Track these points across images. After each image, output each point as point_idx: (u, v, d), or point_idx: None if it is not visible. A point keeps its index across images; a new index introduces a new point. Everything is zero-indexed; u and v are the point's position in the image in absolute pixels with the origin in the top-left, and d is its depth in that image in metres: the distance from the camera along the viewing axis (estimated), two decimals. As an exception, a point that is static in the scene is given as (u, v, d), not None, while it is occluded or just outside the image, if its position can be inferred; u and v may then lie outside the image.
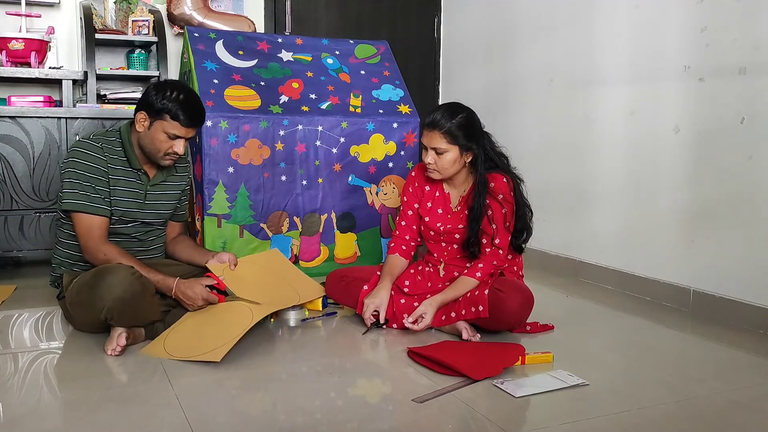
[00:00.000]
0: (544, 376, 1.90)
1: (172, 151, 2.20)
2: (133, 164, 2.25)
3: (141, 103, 2.20)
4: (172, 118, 2.15)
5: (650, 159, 2.88)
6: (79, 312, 2.13)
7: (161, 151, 2.19)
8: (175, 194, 2.40)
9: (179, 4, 3.71)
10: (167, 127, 2.16)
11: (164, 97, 2.15)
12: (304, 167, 3.07)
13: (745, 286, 2.49)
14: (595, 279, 3.16)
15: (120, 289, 1.96)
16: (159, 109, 2.15)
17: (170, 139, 2.18)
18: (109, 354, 2.01)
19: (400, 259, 2.46)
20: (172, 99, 2.15)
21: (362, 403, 1.78)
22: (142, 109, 2.19)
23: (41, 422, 1.60)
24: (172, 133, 2.17)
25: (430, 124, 2.28)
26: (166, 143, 2.18)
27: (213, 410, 1.66)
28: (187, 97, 2.19)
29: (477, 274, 2.29)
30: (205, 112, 2.27)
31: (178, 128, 2.17)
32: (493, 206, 2.30)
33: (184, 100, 2.16)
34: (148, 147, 2.21)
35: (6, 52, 3.19)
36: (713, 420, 1.68)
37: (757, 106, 2.44)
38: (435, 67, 4.52)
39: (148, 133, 2.19)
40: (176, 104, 2.14)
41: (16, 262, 3.34)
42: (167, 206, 2.37)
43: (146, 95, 2.19)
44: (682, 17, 2.72)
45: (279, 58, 3.24)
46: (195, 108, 2.20)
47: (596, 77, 3.18)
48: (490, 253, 2.31)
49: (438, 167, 2.31)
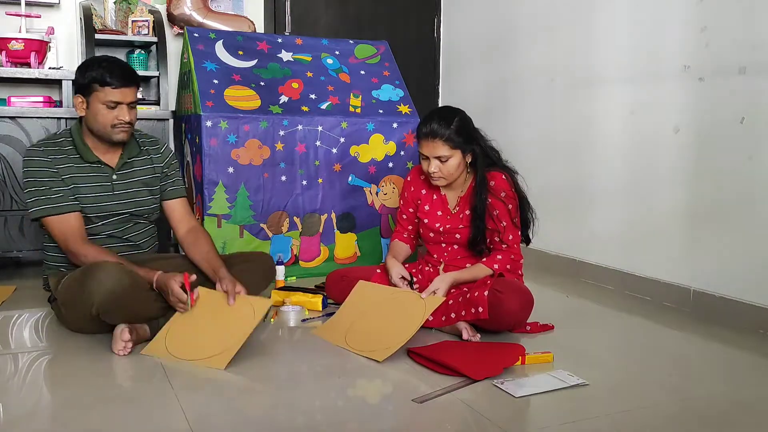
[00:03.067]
0: (544, 376, 1.90)
1: (118, 121, 2.17)
2: (87, 158, 2.21)
3: (73, 87, 2.23)
4: (101, 85, 2.13)
5: (650, 159, 2.88)
6: (71, 312, 2.11)
7: (107, 124, 2.16)
8: (151, 178, 2.33)
9: (179, 5, 3.71)
10: (101, 96, 2.14)
11: (87, 69, 2.16)
12: (304, 167, 3.07)
13: (745, 286, 2.49)
14: (595, 279, 3.16)
15: (109, 284, 1.93)
16: (87, 83, 2.15)
17: (111, 109, 2.15)
18: (118, 353, 1.98)
19: (402, 244, 2.52)
20: (95, 68, 2.15)
21: (362, 403, 1.78)
22: (76, 93, 2.20)
23: (41, 423, 1.60)
24: (109, 100, 2.14)
25: (429, 134, 2.28)
26: (109, 115, 2.16)
27: (213, 410, 1.66)
28: (110, 61, 2.18)
29: (495, 266, 2.31)
30: (134, 71, 2.23)
31: (112, 93, 2.14)
32: (497, 205, 2.31)
33: (106, 65, 2.16)
34: (95, 126, 2.18)
35: (6, 52, 3.19)
36: (713, 420, 1.68)
37: (757, 106, 2.44)
38: (435, 67, 4.52)
39: (90, 114, 2.18)
40: (100, 71, 2.14)
41: (16, 262, 3.34)
42: (144, 194, 2.31)
43: (75, 79, 2.21)
44: (682, 17, 2.72)
45: (279, 58, 3.24)
46: (121, 68, 2.18)
47: (596, 77, 3.18)
48: (507, 248, 2.34)
49: (444, 174, 2.32)
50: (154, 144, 2.40)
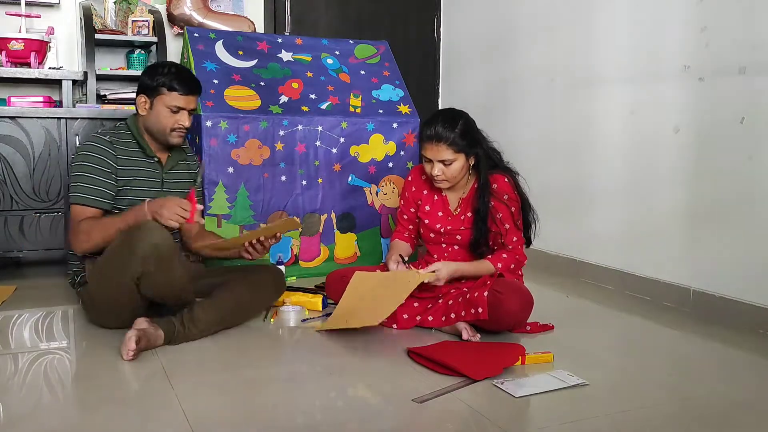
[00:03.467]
0: (544, 376, 1.90)
1: (178, 125, 2.29)
2: (148, 153, 2.33)
3: (139, 88, 2.31)
4: (169, 90, 2.26)
5: (650, 159, 2.88)
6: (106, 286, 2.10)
7: (168, 127, 2.28)
8: (187, 182, 2.47)
9: (179, 5, 3.71)
10: (167, 100, 2.26)
11: (156, 73, 2.27)
12: (304, 167, 3.07)
13: (745, 286, 2.49)
14: (595, 279, 3.16)
15: (157, 236, 2.00)
16: (155, 86, 2.26)
17: (173, 114, 2.27)
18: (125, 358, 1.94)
19: (402, 243, 2.53)
20: (164, 73, 2.26)
21: (362, 403, 1.78)
22: (140, 93, 2.30)
23: (41, 423, 1.60)
24: (174, 105, 2.26)
25: (433, 137, 2.27)
26: (171, 118, 2.28)
27: (213, 410, 1.66)
28: (178, 68, 2.31)
29: (498, 264, 2.32)
30: (199, 81, 2.36)
31: (177, 98, 2.26)
32: (500, 208, 2.32)
33: (176, 71, 2.28)
34: (154, 127, 2.30)
35: (6, 52, 3.19)
36: (713, 420, 1.68)
37: (757, 106, 2.44)
38: (435, 67, 4.52)
39: (151, 114, 2.29)
40: (169, 76, 2.26)
41: (16, 262, 3.34)
42: (181, 194, 2.38)
43: (141, 80, 2.31)
44: (682, 17, 2.72)
45: (279, 58, 3.24)
46: (188, 76, 2.31)
47: (596, 77, 3.18)
48: (512, 249, 2.34)
49: (447, 177, 2.32)
50: (189, 152, 2.55)
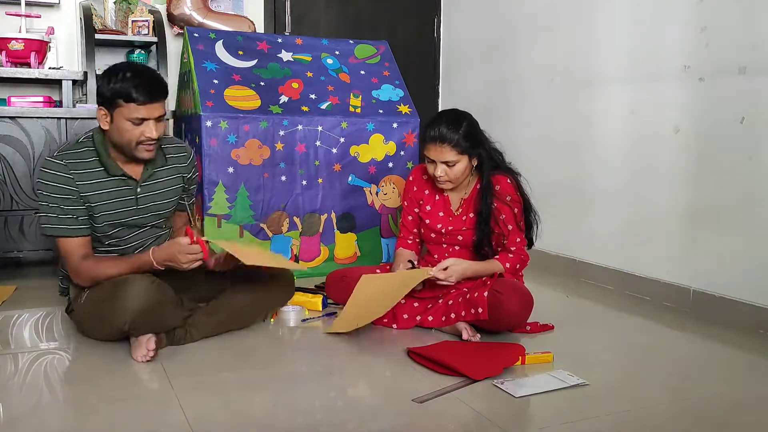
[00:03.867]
0: (544, 376, 1.90)
1: (144, 137, 1.99)
2: (112, 172, 2.07)
3: (96, 98, 2.02)
4: (126, 101, 1.94)
5: (650, 159, 2.88)
6: (96, 325, 2.07)
7: (132, 141, 1.99)
8: (173, 189, 2.23)
9: (179, 5, 3.71)
10: (126, 112, 1.96)
11: (111, 81, 1.96)
12: (304, 167, 3.07)
13: (745, 286, 2.49)
14: (595, 279, 3.16)
15: (143, 300, 1.90)
16: (111, 96, 1.96)
17: (136, 126, 1.98)
18: (140, 360, 1.95)
19: (407, 251, 2.51)
20: (120, 80, 1.94)
21: (362, 403, 1.78)
22: (98, 104, 2.01)
23: (41, 423, 1.60)
24: (134, 117, 1.96)
25: (437, 138, 2.26)
26: (135, 131, 1.98)
27: (213, 410, 1.66)
28: (135, 72, 1.97)
29: (506, 264, 2.33)
30: (162, 81, 2.03)
31: (137, 109, 1.95)
32: (503, 210, 2.32)
33: (132, 76, 1.95)
34: (119, 142, 2.02)
35: (6, 52, 3.18)
36: (713, 420, 1.68)
37: (757, 106, 2.44)
38: (435, 67, 4.52)
39: (113, 128, 2.00)
40: (125, 83, 1.94)
41: (16, 262, 3.34)
42: (166, 204, 2.22)
43: (98, 88, 2.02)
44: (682, 17, 2.72)
45: (279, 58, 3.24)
46: (148, 81, 1.98)
47: (596, 77, 3.18)
48: (516, 250, 2.35)
49: (450, 178, 2.31)
50: (180, 151, 2.26)
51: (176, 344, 2.10)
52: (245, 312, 2.27)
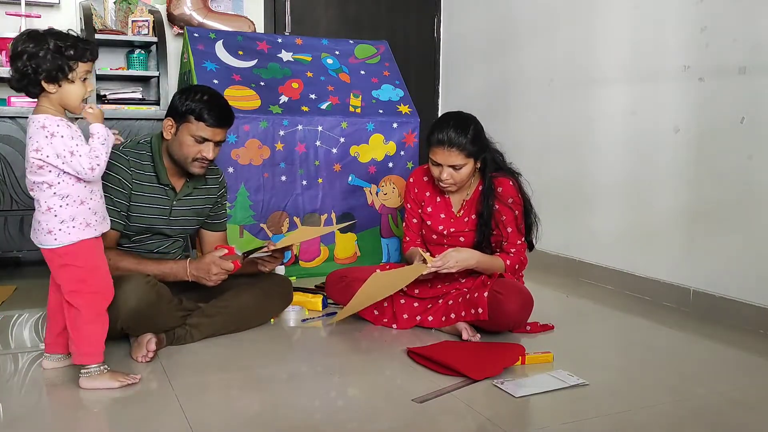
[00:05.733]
0: (544, 376, 1.90)
1: (200, 156, 2.13)
2: (161, 179, 2.18)
3: (168, 109, 2.18)
4: (196, 119, 2.10)
5: (650, 159, 2.88)
6: None
7: (189, 156, 2.13)
8: (203, 208, 2.32)
9: (179, 5, 3.71)
10: (193, 129, 2.10)
11: (188, 98, 2.11)
12: (304, 167, 3.07)
13: (745, 286, 2.49)
14: (595, 279, 3.16)
15: (134, 300, 1.92)
16: (183, 111, 2.11)
17: (198, 143, 2.11)
18: (140, 361, 1.96)
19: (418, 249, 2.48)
20: (196, 100, 2.11)
21: (362, 403, 1.78)
22: (168, 115, 2.16)
23: (41, 423, 1.60)
24: (199, 135, 2.10)
25: (445, 142, 2.24)
26: (194, 147, 2.12)
27: (213, 410, 1.66)
28: (212, 98, 2.14)
29: (507, 262, 2.33)
30: (232, 113, 2.20)
31: (204, 129, 2.10)
32: (504, 212, 2.31)
33: (208, 100, 2.12)
34: (176, 153, 2.15)
35: (6, 52, 3.18)
36: (713, 420, 1.68)
37: (757, 106, 2.44)
38: (435, 67, 4.52)
39: (175, 139, 2.14)
40: (200, 104, 2.10)
41: (16, 262, 3.34)
42: (193, 221, 2.31)
43: (172, 101, 2.17)
44: (682, 17, 2.72)
45: (279, 58, 3.24)
46: (220, 108, 2.14)
47: (596, 77, 3.18)
48: (516, 251, 2.34)
49: (456, 181, 2.30)
50: (215, 173, 2.36)
51: (176, 344, 2.11)
52: (245, 314, 2.27)
